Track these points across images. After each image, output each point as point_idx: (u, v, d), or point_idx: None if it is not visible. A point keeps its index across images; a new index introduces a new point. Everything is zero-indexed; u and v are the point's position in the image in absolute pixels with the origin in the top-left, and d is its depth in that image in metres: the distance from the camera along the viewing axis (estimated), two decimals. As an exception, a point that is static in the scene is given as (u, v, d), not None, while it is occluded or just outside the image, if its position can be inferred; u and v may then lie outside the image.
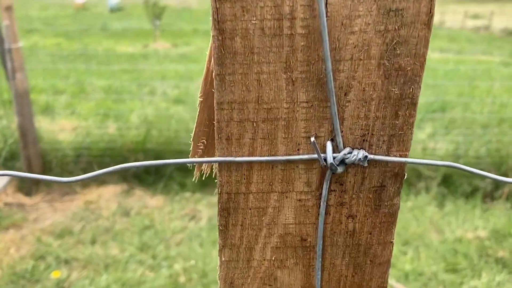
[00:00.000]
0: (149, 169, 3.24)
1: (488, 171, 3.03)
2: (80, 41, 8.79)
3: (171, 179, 3.19)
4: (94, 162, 3.25)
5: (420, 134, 3.43)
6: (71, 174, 3.23)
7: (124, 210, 2.91)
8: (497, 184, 3.01)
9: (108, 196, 3.09)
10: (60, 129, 3.69)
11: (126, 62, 6.37)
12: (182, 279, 2.25)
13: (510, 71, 6.51)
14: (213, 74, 0.38)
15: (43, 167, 3.26)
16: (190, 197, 3.04)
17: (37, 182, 3.19)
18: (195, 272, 2.28)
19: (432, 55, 8.74)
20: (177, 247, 2.52)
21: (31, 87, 3.78)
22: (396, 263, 2.36)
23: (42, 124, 3.66)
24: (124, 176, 3.26)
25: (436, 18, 20.22)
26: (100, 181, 3.21)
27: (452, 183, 3.06)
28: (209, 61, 0.42)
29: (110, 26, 11.88)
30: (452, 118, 3.79)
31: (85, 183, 3.20)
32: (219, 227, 0.44)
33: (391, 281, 2.23)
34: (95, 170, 0.42)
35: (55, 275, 2.28)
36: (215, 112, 0.39)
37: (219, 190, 0.43)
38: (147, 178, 3.22)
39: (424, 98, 4.23)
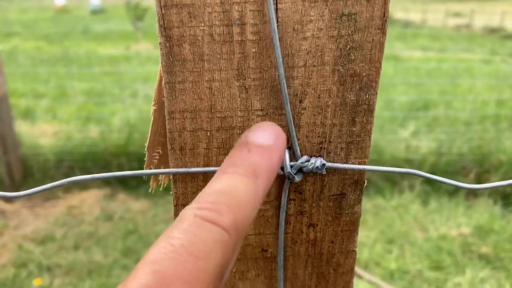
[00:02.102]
0: (133, 172, 3.21)
1: (471, 168, 3.06)
2: (61, 44, 8.68)
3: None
4: (76, 166, 3.21)
5: (403, 133, 3.45)
6: (52, 179, 3.19)
7: (107, 214, 2.88)
8: (480, 181, 3.04)
9: (91, 201, 3.05)
10: (41, 133, 3.64)
11: (108, 64, 6.30)
12: (166, 283, 2.23)
13: (491, 69, 6.59)
14: (163, 82, 0.37)
15: (24, 172, 3.21)
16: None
17: (18, 187, 3.14)
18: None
19: (414, 54, 8.82)
20: (161, 251, 2.49)
21: (10, 91, 3.72)
22: (381, 261, 2.37)
23: (23, 128, 3.60)
24: (107, 180, 3.23)
25: (418, 17, 20.46)
26: (83, 185, 3.18)
27: (435, 181, 3.08)
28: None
29: (91, 28, 11.76)
30: (434, 116, 3.82)
31: (67, 188, 3.16)
32: (176, 240, 0.43)
33: (376, 280, 2.24)
34: (77, 175, 0.40)
35: (37, 282, 2.25)
36: (167, 121, 0.38)
37: (175, 202, 0.42)
38: (130, 182, 3.19)
39: (407, 96, 4.25)
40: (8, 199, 3.03)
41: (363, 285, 2.21)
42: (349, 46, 0.36)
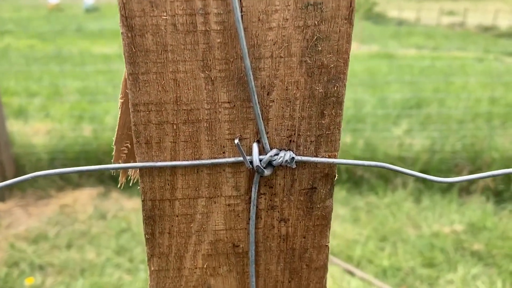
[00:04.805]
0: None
1: (464, 166, 3.06)
2: (55, 42, 8.63)
3: (148, 181, 3.15)
4: (69, 165, 3.19)
5: (396, 131, 3.44)
6: (45, 178, 3.17)
7: (100, 213, 2.86)
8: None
9: (84, 200, 3.04)
10: (34, 132, 3.61)
11: (101, 63, 6.28)
12: (158, 282, 2.23)
13: (484, 67, 6.60)
14: (126, 73, 0.36)
15: (16, 171, 3.19)
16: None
17: (10, 187, 3.12)
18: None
19: (408, 52, 8.82)
20: (154, 250, 2.49)
21: (3, 89, 3.70)
22: (374, 259, 2.37)
23: (15, 127, 3.58)
24: (100, 179, 3.22)
25: (412, 15, 20.51)
26: (76, 184, 3.16)
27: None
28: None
29: (85, 26, 11.70)
30: (428, 114, 3.82)
31: (60, 187, 3.14)
32: (145, 236, 0.42)
33: (369, 277, 2.23)
34: (70, 174, 0.39)
35: (29, 281, 2.23)
36: (131, 114, 0.37)
37: (143, 197, 0.41)
38: (123, 180, 3.17)
39: (400, 94, 4.25)
40: (0, 198, 3.01)
41: (355, 283, 2.21)
42: (316, 37, 0.35)
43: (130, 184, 0.44)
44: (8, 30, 10.54)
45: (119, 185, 0.45)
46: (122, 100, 0.41)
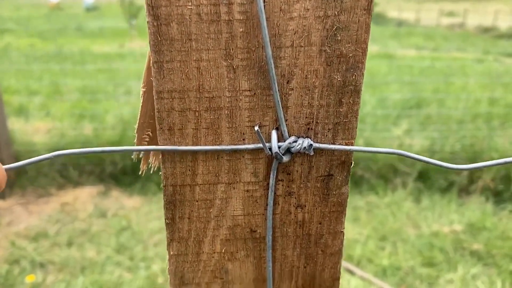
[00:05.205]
0: (126, 169, 3.21)
1: (463, 166, 3.08)
2: (55, 41, 8.63)
3: (149, 180, 3.16)
4: (69, 163, 3.19)
5: (396, 131, 3.46)
6: (46, 176, 3.18)
7: (100, 211, 2.87)
8: (472, 179, 3.05)
9: (84, 198, 3.04)
10: (34, 130, 3.62)
11: (101, 62, 6.28)
12: (160, 279, 2.23)
13: (484, 67, 6.62)
14: (151, 61, 0.37)
15: (16, 170, 3.19)
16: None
17: (10, 185, 3.12)
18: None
19: (408, 53, 8.85)
20: (155, 248, 2.49)
21: (3, 88, 3.71)
22: (374, 258, 2.38)
23: (16, 126, 3.58)
24: (100, 177, 3.22)
25: (412, 16, 20.57)
26: (76, 182, 3.17)
27: (428, 179, 3.10)
28: (151, 49, 0.41)
29: (85, 25, 11.71)
30: (427, 114, 3.83)
31: (60, 185, 3.15)
32: (165, 220, 0.43)
33: (369, 276, 2.24)
34: (71, 172, 0.40)
35: (30, 279, 2.24)
36: (155, 101, 0.38)
37: (164, 182, 0.42)
38: (124, 179, 3.18)
39: (400, 95, 4.27)
40: (1, 196, 3.02)
41: (355, 282, 2.22)
42: (335, 27, 0.37)
43: (151, 172, 0.45)
44: (9, 29, 10.53)
45: (140, 172, 0.46)
46: (144, 89, 0.42)
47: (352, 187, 3.06)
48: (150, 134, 0.44)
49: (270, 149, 0.39)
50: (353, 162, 0.42)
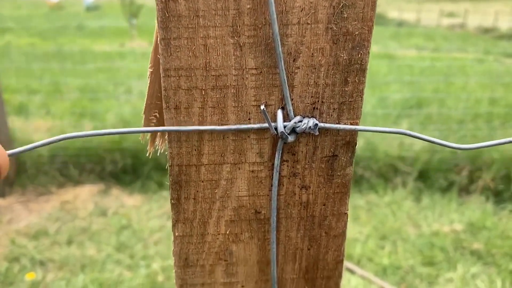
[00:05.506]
0: (126, 168, 3.20)
1: (464, 166, 3.07)
2: (55, 40, 8.63)
3: (149, 178, 3.16)
4: (70, 162, 3.19)
5: (396, 130, 3.45)
6: (46, 174, 3.17)
7: (101, 210, 2.86)
8: (472, 178, 3.05)
9: (84, 196, 3.04)
10: (34, 129, 3.61)
11: (102, 61, 6.28)
12: (160, 278, 2.23)
13: (484, 68, 6.62)
14: (158, 39, 0.37)
15: (17, 168, 3.19)
16: (168, 196, 3.01)
17: (11, 183, 3.12)
18: (173, 271, 2.26)
19: (409, 53, 8.85)
20: (155, 246, 2.49)
21: (4, 87, 3.70)
22: (374, 257, 2.38)
23: (16, 124, 3.58)
24: (101, 176, 3.22)
25: (412, 16, 20.59)
26: (76, 181, 3.16)
27: (428, 178, 3.10)
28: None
29: (86, 25, 11.70)
30: (428, 114, 3.83)
31: (61, 183, 3.15)
32: (171, 201, 0.43)
33: (369, 275, 2.24)
34: (71, 171, 0.40)
35: (30, 277, 2.23)
36: (162, 79, 0.38)
37: (170, 162, 0.42)
38: (124, 178, 3.18)
39: (400, 94, 4.27)
40: (1, 194, 3.01)
41: (356, 281, 2.21)
42: (342, 4, 0.37)
43: (158, 154, 0.45)
44: (9, 28, 10.53)
45: (147, 154, 0.46)
46: (151, 70, 0.42)
47: (352, 186, 3.06)
48: (157, 115, 0.44)
49: (276, 128, 0.39)
50: (357, 142, 0.42)
